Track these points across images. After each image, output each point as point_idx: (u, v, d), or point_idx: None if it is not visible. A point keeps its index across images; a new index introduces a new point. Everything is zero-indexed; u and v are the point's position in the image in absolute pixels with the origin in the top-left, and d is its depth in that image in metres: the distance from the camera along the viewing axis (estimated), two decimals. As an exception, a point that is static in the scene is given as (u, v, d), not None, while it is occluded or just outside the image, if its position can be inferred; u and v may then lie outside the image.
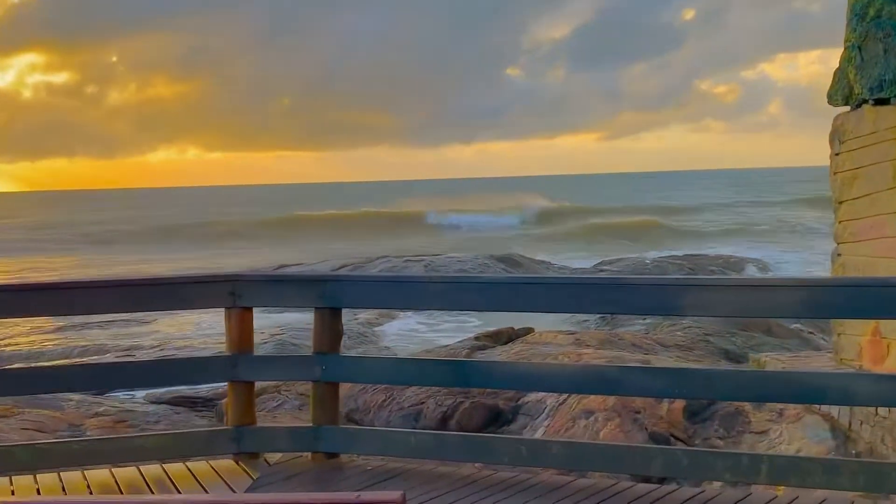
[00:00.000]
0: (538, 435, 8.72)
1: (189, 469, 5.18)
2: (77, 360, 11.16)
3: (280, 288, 5.27)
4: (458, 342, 11.36)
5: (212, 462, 5.29)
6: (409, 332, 15.33)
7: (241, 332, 5.23)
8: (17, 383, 5.16)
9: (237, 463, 5.24)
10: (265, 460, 5.29)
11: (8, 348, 13.76)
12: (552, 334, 11.15)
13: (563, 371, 5.40)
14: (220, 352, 12.65)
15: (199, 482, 4.99)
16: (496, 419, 9.21)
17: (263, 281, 5.33)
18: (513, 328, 11.79)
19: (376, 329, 15.26)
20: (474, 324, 15.67)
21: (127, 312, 10.73)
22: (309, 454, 5.24)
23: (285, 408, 9.37)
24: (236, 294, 5.17)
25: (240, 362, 5.20)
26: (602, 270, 19.58)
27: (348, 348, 13.50)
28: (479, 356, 10.53)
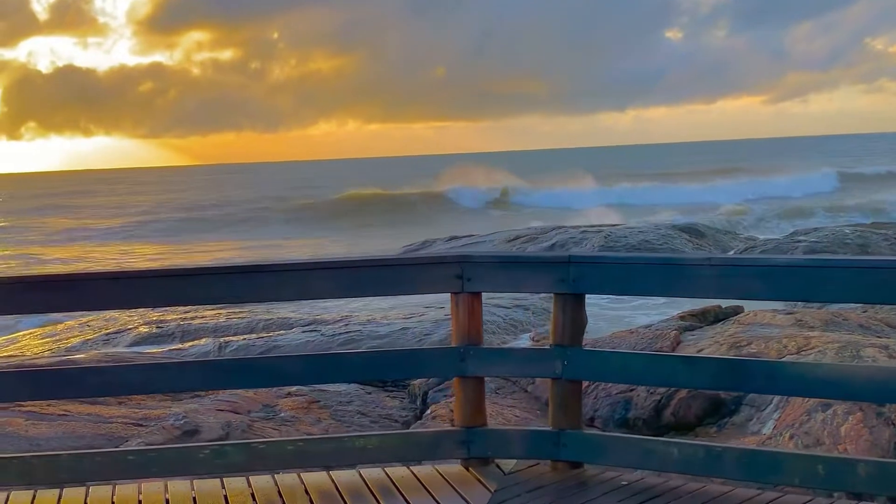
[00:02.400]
0: (767, 430, 7.80)
1: (414, 475, 4.60)
2: (293, 352, 10.85)
3: (515, 270, 4.56)
4: (663, 321, 10.45)
5: (438, 467, 4.68)
6: (592, 308, 14.42)
7: (470, 321, 4.58)
8: (230, 377, 4.67)
9: (467, 469, 4.62)
10: (497, 466, 4.64)
11: (195, 321, 13.73)
12: (768, 313, 10.10)
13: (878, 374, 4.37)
14: (443, 343, 12.21)
15: (428, 491, 4.40)
16: (716, 410, 8.34)
17: (496, 263, 4.62)
18: (719, 306, 10.80)
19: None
20: (658, 299, 14.64)
21: (342, 298, 10.40)
22: (548, 462, 4.57)
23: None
24: (465, 277, 4.52)
25: (469, 355, 4.56)
26: (798, 242, 18.13)
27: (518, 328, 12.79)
28: (690, 338, 9.63)
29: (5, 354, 13.39)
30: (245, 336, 12.25)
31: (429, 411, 8.14)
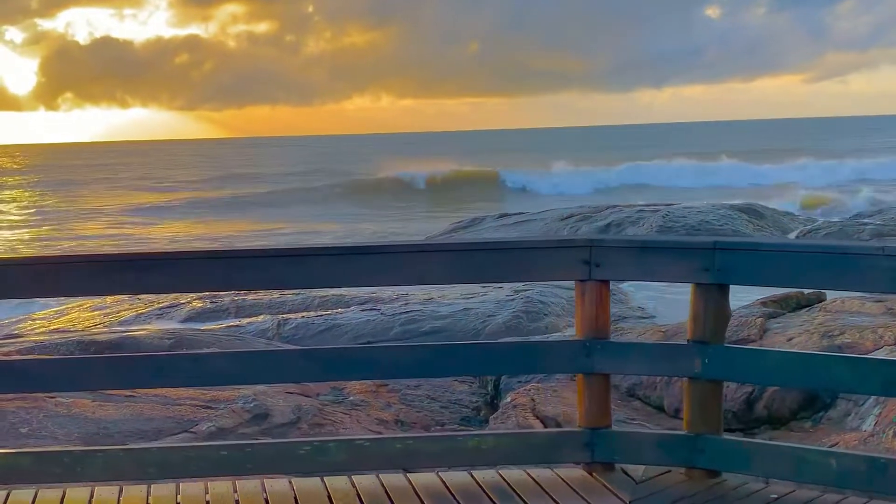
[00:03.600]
0: (868, 427, 7.32)
1: (533, 479, 4.19)
2: (396, 341, 10.48)
3: (650, 256, 4.11)
4: (744, 307, 9.94)
5: (557, 471, 4.27)
6: (658, 294, 13.86)
7: (598, 312, 4.15)
8: (333, 369, 4.27)
9: (590, 475, 4.20)
10: (624, 472, 4.22)
11: (249, 296, 13.40)
12: (856, 301, 9.57)
13: None
14: (508, 324, 11.70)
15: (552, 497, 3.99)
16: (811, 404, 7.86)
17: (630, 247, 4.18)
18: (801, 292, 10.27)
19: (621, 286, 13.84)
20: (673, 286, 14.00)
21: (456, 283, 9.97)
22: (682, 470, 4.13)
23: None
24: (593, 263, 4.08)
25: (595, 350, 4.13)
26: (864, 224, 17.51)
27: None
28: (775, 325, 9.14)
29: (58, 328, 13.17)
30: (303, 314, 11.90)
31: (508, 400, 7.73)
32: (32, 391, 5.57)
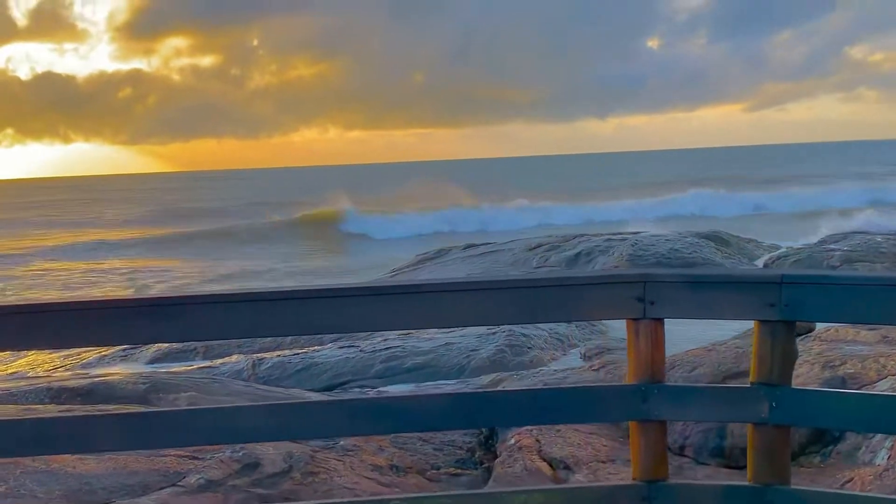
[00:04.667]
0: (880, 461, 7.08)
1: (586, 537, 3.83)
2: (377, 378, 10.08)
3: (710, 292, 3.78)
4: (736, 337, 9.71)
5: (612, 526, 3.92)
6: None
7: (653, 353, 3.81)
8: (379, 421, 3.85)
9: (648, 531, 3.85)
10: (683, 527, 3.88)
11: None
12: (850, 329, 9.39)
13: None
14: (493, 360, 11.34)
15: (611, 559, 3.64)
16: (819, 438, 7.60)
17: (687, 282, 3.84)
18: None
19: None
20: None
21: (498, 324, 9.50)
22: (748, 524, 3.80)
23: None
24: (647, 300, 3.75)
25: (652, 394, 3.79)
26: (832, 251, 17.49)
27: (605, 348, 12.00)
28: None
29: (10, 372, 12.53)
30: (277, 353, 11.43)
31: (512, 441, 7.35)
32: (45, 454, 5.06)
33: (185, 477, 6.53)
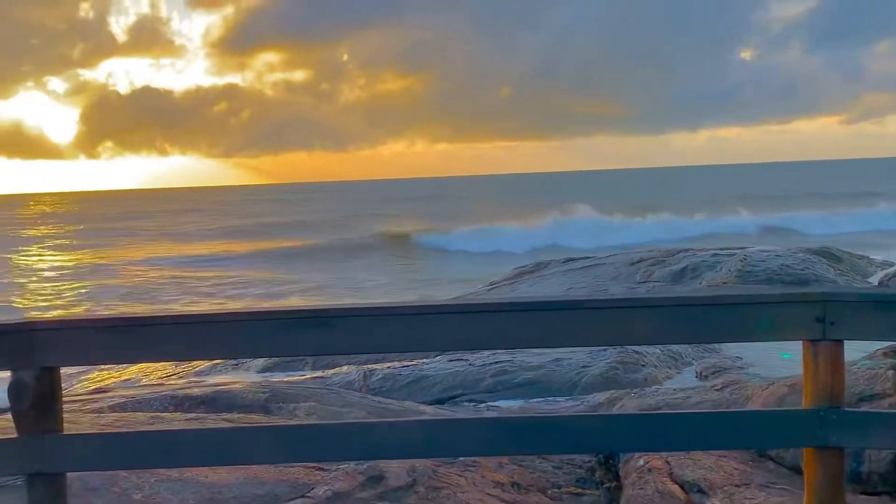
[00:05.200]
0: None
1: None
2: (489, 393, 10.00)
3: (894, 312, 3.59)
4: (866, 358, 9.33)
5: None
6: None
7: (833, 377, 3.62)
8: (529, 440, 3.74)
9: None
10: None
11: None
12: None
13: None
14: (605, 376, 11.14)
15: None
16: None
17: (870, 301, 3.64)
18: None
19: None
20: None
21: (664, 343, 9.43)
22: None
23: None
24: (827, 320, 3.56)
25: (831, 420, 3.59)
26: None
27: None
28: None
29: (124, 379, 12.77)
30: (388, 365, 11.40)
31: (641, 463, 7.13)
32: (187, 465, 5.08)
33: (312, 488, 6.51)
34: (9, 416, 3.82)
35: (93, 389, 10.25)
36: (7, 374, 3.69)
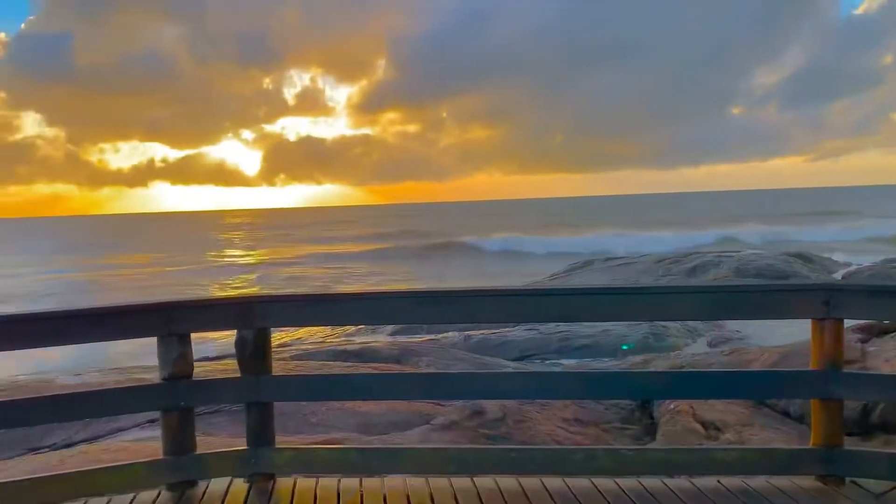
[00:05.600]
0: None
1: (774, 485, 3.46)
2: (555, 354, 9.94)
3: (881, 299, 3.38)
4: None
5: (795, 481, 3.53)
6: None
7: (835, 346, 3.41)
8: (601, 389, 3.64)
9: (825, 485, 3.44)
10: (856, 485, 3.45)
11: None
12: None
13: None
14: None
15: (795, 501, 3.26)
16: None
17: (863, 291, 3.43)
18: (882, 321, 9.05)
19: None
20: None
21: (706, 320, 9.24)
22: (914, 486, 3.33)
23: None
24: (831, 304, 3.37)
25: (833, 379, 3.39)
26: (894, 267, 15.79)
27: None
28: (871, 349, 8.04)
29: (297, 337, 12.96)
30: (481, 331, 11.34)
31: (671, 406, 6.88)
32: (353, 399, 5.09)
33: (433, 418, 6.50)
34: (229, 361, 3.88)
35: (277, 345, 10.44)
36: (233, 332, 3.74)
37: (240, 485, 3.68)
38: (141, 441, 5.14)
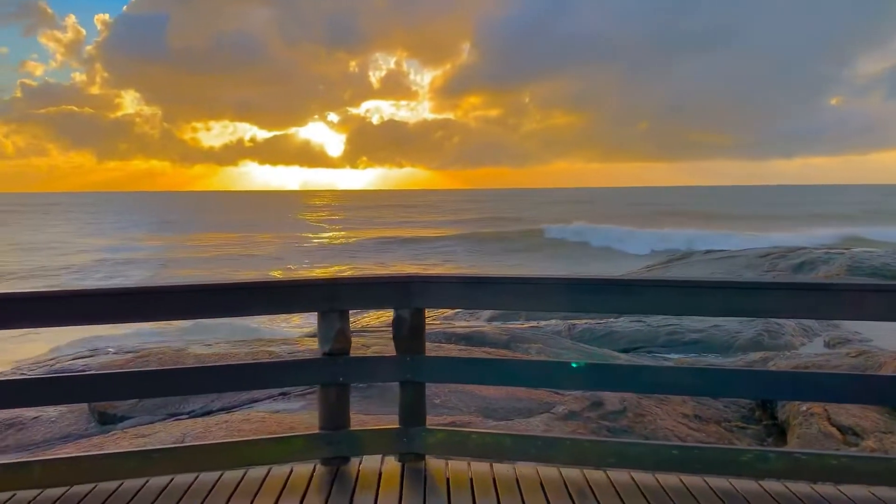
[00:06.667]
0: None
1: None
2: (662, 348, 9.73)
3: None
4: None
5: None
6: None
7: None
8: (719, 385, 3.44)
9: None
10: None
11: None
12: None
13: None
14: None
15: None
16: None
17: None
18: None
19: None
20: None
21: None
22: None
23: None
24: None
25: None
26: None
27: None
28: None
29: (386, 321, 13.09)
30: (585, 320, 11.15)
31: (804, 408, 6.58)
32: (482, 384, 5.06)
33: (554, 407, 6.41)
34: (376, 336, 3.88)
35: (377, 325, 10.54)
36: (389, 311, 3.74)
37: (392, 463, 3.69)
38: (277, 413, 5.26)
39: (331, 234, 58.86)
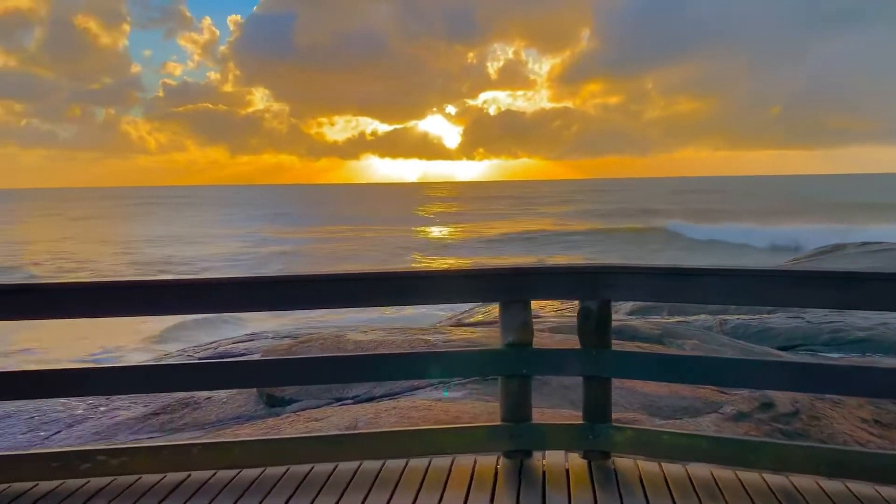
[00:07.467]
0: None
1: None
2: (825, 346, 9.13)
3: None
4: None
5: None
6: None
7: None
8: (819, 382, 3.09)
9: None
10: None
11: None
12: None
13: None
14: None
15: None
16: None
17: None
18: None
19: None
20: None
21: None
22: None
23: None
24: None
25: None
26: None
27: None
28: None
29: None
30: (738, 316, 10.54)
31: None
32: (650, 379, 4.88)
33: (721, 406, 6.07)
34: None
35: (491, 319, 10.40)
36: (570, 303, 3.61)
37: (577, 460, 3.56)
38: (440, 401, 5.25)
39: (453, 228, 59.52)
